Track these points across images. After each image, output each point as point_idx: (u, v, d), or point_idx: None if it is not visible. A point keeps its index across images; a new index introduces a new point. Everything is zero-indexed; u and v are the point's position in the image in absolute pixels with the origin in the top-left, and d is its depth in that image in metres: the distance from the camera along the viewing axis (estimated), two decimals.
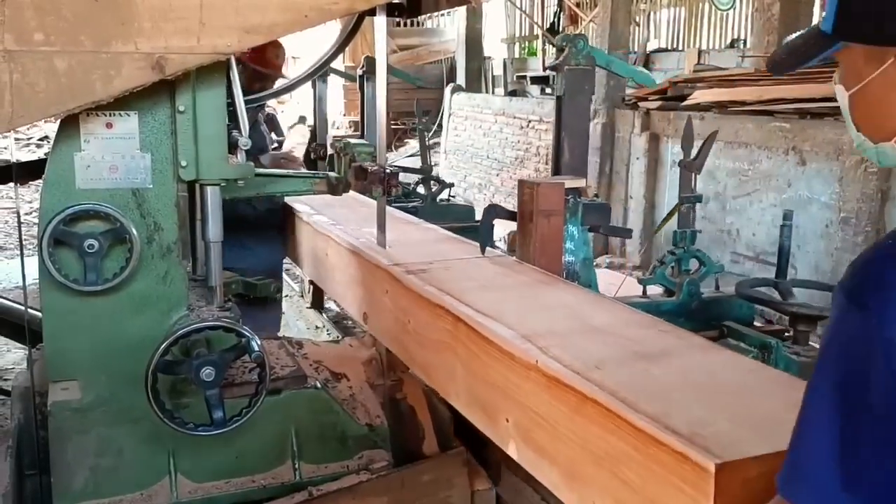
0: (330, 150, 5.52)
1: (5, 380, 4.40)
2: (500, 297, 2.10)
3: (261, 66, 3.70)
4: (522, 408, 1.69)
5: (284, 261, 3.92)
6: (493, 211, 2.79)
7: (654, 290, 3.48)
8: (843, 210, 5.29)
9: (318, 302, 5.59)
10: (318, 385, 2.42)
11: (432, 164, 6.65)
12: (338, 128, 11.99)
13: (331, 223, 3.09)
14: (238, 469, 2.29)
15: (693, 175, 3.41)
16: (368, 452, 2.46)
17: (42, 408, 2.18)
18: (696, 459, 1.20)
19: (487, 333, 1.82)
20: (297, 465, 2.34)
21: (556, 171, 4.20)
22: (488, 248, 2.67)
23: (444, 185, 6.27)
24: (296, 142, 6.76)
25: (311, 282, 5.32)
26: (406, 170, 6.32)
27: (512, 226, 2.73)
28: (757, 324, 3.43)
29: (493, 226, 2.74)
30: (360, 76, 5.95)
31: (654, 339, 1.79)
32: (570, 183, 3.40)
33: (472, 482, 2.47)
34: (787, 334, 3.05)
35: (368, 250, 2.63)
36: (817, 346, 2.95)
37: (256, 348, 2.05)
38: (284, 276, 6.91)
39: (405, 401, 2.67)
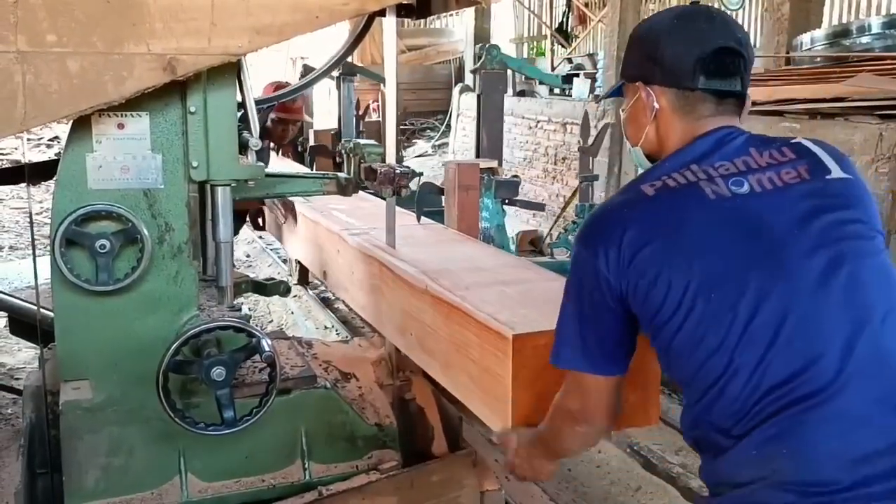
0: (312, 142, 5.84)
1: (17, 379, 4.42)
2: (420, 250, 2.62)
3: (281, 112, 4.43)
4: (420, 323, 2.29)
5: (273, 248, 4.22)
6: (427, 186, 3.54)
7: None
8: None
9: (303, 278, 6.08)
10: (328, 385, 2.43)
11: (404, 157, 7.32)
12: (363, 131, 11.99)
13: (301, 201, 3.57)
14: (248, 469, 2.29)
15: (590, 158, 4.29)
16: (378, 452, 2.46)
17: (54, 407, 2.20)
18: (504, 333, 1.80)
19: (400, 273, 2.40)
20: (306, 465, 2.35)
21: (477, 154, 5.23)
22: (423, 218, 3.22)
23: (413, 174, 6.90)
24: None
25: (297, 261, 5.75)
26: None
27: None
28: None
29: (426, 198, 3.41)
30: (336, 78, 6.04)
31: (518, 274, 2.39)
32: (484, 164, 4.40)
33: (482, 482, 2.47)
34: None
35: (325, 220, 3.21)
36: None
37: (267, 348, 2.05)
38: (273, 256, 7.02)
39: (414, 401, 2.68)
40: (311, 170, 5.85)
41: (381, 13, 2.40)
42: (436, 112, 15.24)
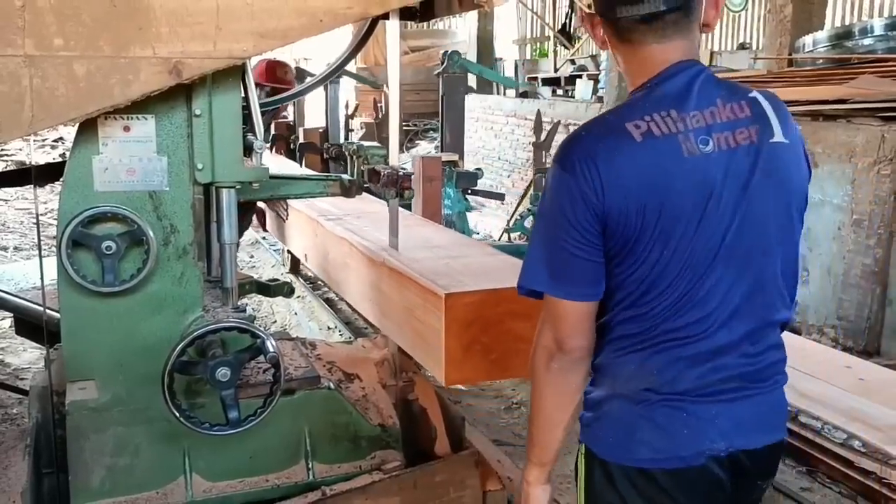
0: (301, 139, 6.25)
1: (22, 379, 4.44)
2: (386, 233, 2.79)
3: (275, 83, 4.27)
4: (379, 291, 2.66)
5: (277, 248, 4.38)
6: None
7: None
8: (855, 212, 5.26)
9: (295, 268, 6.44)
10: (332, 386, 2.44)
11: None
12: (352, 130, 12.04)
13: None
14: (252, 468, 2.31)
15: (542, 152, 4.81)
16: (381, 453, 2.47)
17: (60, 407, 2.22)
18: (438, 294, 2.15)
19: (363, 250, 2.77)
20: (310, 465, 2.36)
21: (442, 149, 5.96)
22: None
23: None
24: None
25: (288, 251, 6.09)
26: None
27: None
28: None
29: None
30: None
31: (463, 250, 2.75)
32: (446, 157, 5.17)
33: (484, 483, 2.48)
34: None
35: (306, 208, 3.52)
36: None
37: (271, 349, 2.06)
38: (276, 257, 7.08)
39: (417, 402, 2.69)
40: (301, 165, 6.12)
41: (385, 16, 2.42)
42: (439, 113, 15.21)
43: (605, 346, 1.56)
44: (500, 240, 5.22)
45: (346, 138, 6.87)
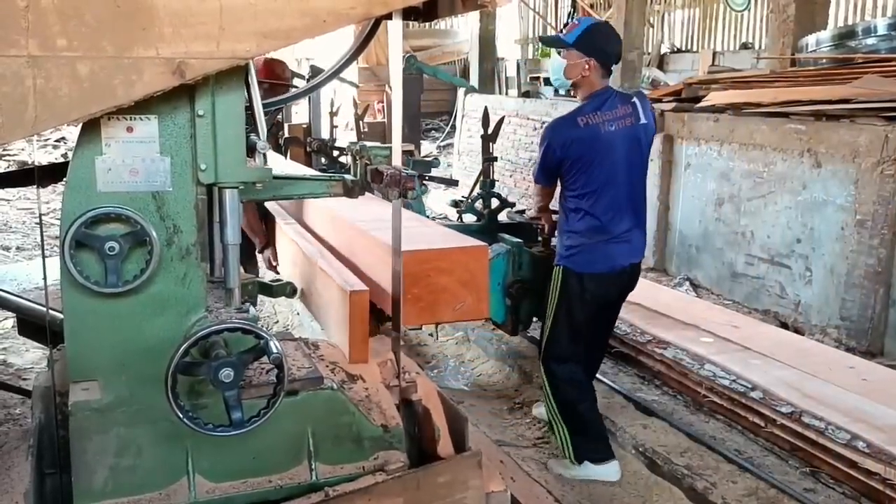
0: (287, 133, 6.87)
1: (24, 379, 4.44)
2: (349, 211, 3.34)
3: (272, 79, 4.45)
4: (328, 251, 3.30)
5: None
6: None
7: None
8: (858, 212, 5.25)
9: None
10: (335, 386, 2.44)
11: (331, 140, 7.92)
12: (352, 129, 12.06)
13: None
14: (255, 469, 2.30)
15: (489, 144, 5.28)
16: (384, 453, 2.46)
17: (63, 407, 2.21)
18: (346, 290, 2.64)
19: (300, 246, 3.46)
20: (313, 466, 2.36)
21: (401, 140, 6.97)
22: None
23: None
24: None
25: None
26: (336, 148, 7.09)
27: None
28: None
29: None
30: (307, 79, 6.76)
31: (407, 223, 2.97)
32: (404, 147, 5.95)
33: (487, 484, 2.48)
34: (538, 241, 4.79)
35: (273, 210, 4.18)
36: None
37: (275, 350, 2.06)
38: None
39: (420, 402, 2.68)
40: (286, 157, 6.48)
41: (388, 16, 2.41)
42: (440, 113, 15.23)
43: (578, 220, 3.51)
44: (457, 220, 5.67)
45: (331, 134, 7.28)
